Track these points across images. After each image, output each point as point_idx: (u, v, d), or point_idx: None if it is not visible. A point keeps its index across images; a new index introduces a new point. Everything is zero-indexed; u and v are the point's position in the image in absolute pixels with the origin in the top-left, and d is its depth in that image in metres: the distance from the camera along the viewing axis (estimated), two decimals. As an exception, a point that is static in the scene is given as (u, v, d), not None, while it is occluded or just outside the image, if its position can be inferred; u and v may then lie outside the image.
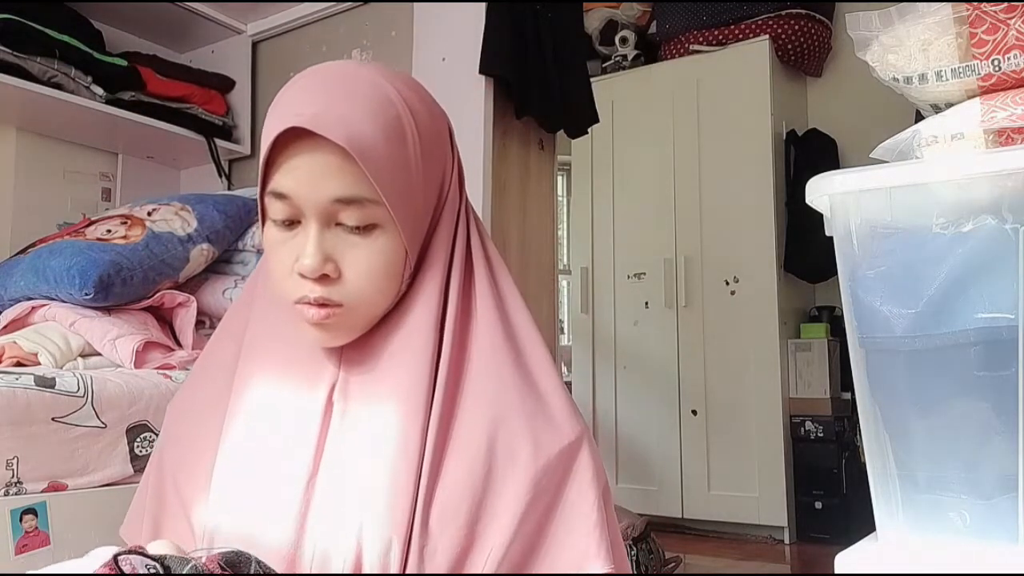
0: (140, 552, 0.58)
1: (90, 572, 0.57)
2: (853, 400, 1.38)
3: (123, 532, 0.85)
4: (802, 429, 3.04)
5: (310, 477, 0.70)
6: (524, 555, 0.69)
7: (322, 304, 0.70)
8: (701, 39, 3.39)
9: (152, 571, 0.56)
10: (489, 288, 0.78)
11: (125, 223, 1.64)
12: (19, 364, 1.39)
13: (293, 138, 0.67)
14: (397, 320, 0.75)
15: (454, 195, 0.79)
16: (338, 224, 0.70)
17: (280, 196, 0.69)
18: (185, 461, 0.77)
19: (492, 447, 0.70)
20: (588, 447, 0.72)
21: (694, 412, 3.24)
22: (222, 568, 0.58)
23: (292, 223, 0.71)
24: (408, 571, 0.66)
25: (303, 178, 0.68)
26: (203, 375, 0.83)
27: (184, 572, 0.56)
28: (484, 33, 1.85)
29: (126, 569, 0.56)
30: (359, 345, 0.74)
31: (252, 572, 0.60)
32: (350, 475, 0.69)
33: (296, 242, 0.70)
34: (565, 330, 3.77)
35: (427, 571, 0.67)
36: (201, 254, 1.66)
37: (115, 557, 0.56)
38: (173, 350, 1.54)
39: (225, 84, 2.39)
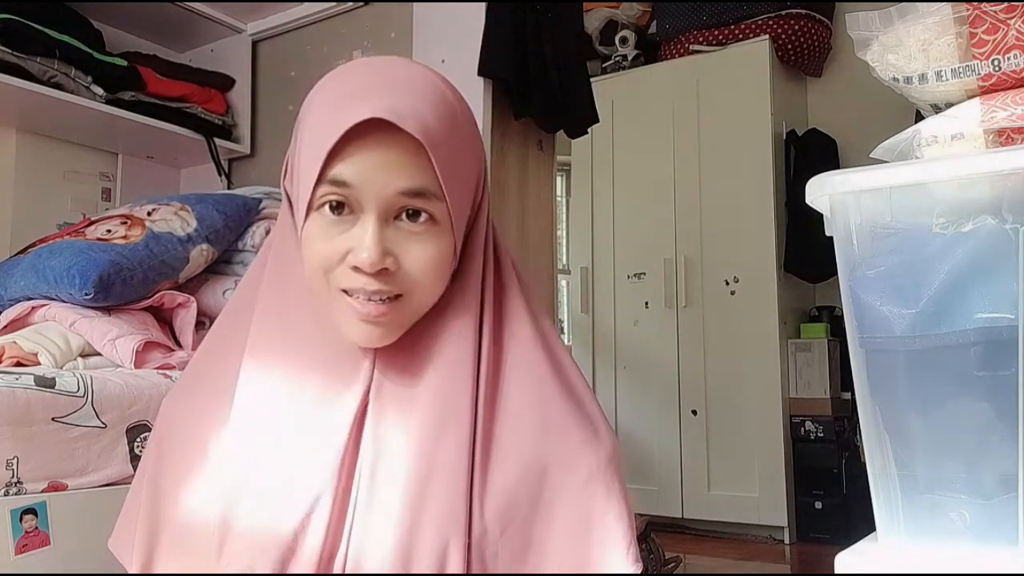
0: None
1: None
2: (853, 400, 1.38)
3: (112, 545, 0.82)
4: (802, 429, 3.04)
5: (341, 479, 0.69)
6: (574, 555, 0.70)
7: (380, 296, 0.69)
8: (701, 39, 3.39)
9: None
10: (520, 293, 0.78)
11: (125, 223, 1.64)
12: (19, 364, 1.39)
13: (359, 130, 0.66)
14: (435, 321, 0.74)
15: (486, 200, 0.78)
16: (395, 219, 0.69)
17: (341, 184, 0.67)
18: (186, 473, 0.74)
19: (543, 449, 0.70)
20: (618, 453, 0.73)
21: (694, 412, 3.24)
22: None
23: (344, 216, 0.69)
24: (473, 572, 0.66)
25: (371, 169, 0.67)
26: (199, 382, 0.79)
27: None
28: (484, 34, 1.85)
29: None
30: (394, 345, 0.73)
31: None
32: (391, 478, 0.68)
33: (349, 235, 0.68)
34: (565, 330, 3.77)
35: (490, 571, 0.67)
36: (201, 254, 1.66)
37: None
38: (173, 350, 1.54)
39: (225, 83, 2.39)
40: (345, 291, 0.70)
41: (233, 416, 0.73)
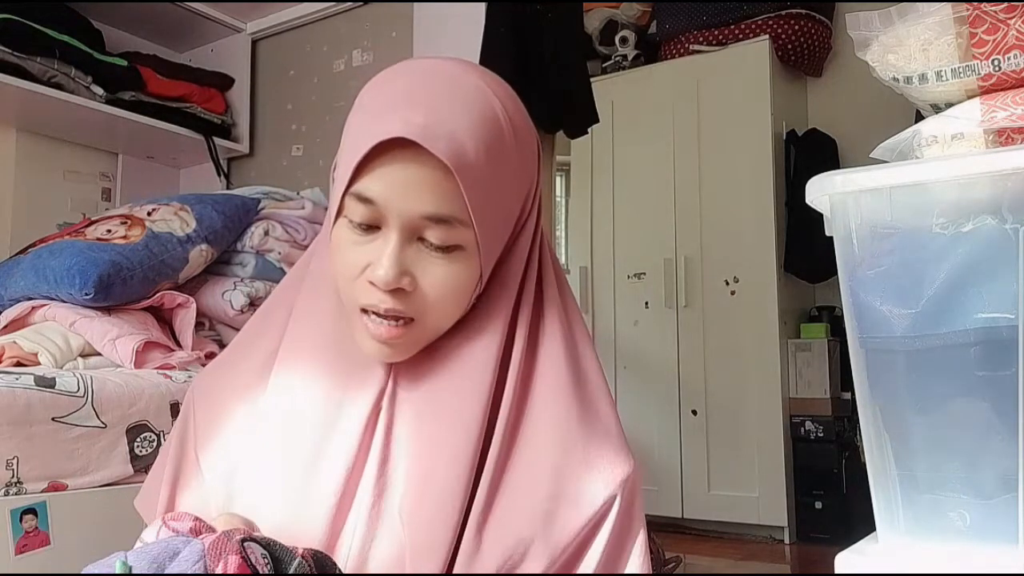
0: (250, 537, 0.58)
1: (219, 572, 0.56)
2: (853, 400, 1.38)
3: (137, 503, 0.83)
4: (802, 429, 3.04)
5: (348, 481, 0.69)
6: None
7: (393, 317, 0.67)
8: (701, 39, 3.39)
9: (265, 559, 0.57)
10: (559, 317, 0.76)
11: (125, 223, 1.64)
12: (19, 364, 1.39)
13: (391, 143, 0.64)
14: (457, 338, 0.72)
15: (532, 218, 0.76)
16: (420, 239, 0.67)
17: (366, 200, 0.66)
18: (211, 439, 0.76)
19: (558, 478, 0.68)
20: (636, 483, 0.71)
21: (694, 412, 3.24)
22: (312, 566, 0.59)
23: (370, 228, 0.67)
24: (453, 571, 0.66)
25: (396, 188, 0.65)
26: (240, 357, 0.80)
27: (292, 572, 0.58)
28: (484, 34, 1.85)
29: (252, 559, 0.57)
30: (414, 358, 0.72)
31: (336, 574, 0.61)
32: (393, 487, 0.68)
33: (372, 248, 0.67)
34: (565, 330, 3.76)
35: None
36: (200, 255, 1.66)
37: (242, 543, 0.57)
38: (173, 350, 1.54)
39: (224, 82, 2.39)
40: (363, 309, 0.69)
41: (263, 409, 0.74)
